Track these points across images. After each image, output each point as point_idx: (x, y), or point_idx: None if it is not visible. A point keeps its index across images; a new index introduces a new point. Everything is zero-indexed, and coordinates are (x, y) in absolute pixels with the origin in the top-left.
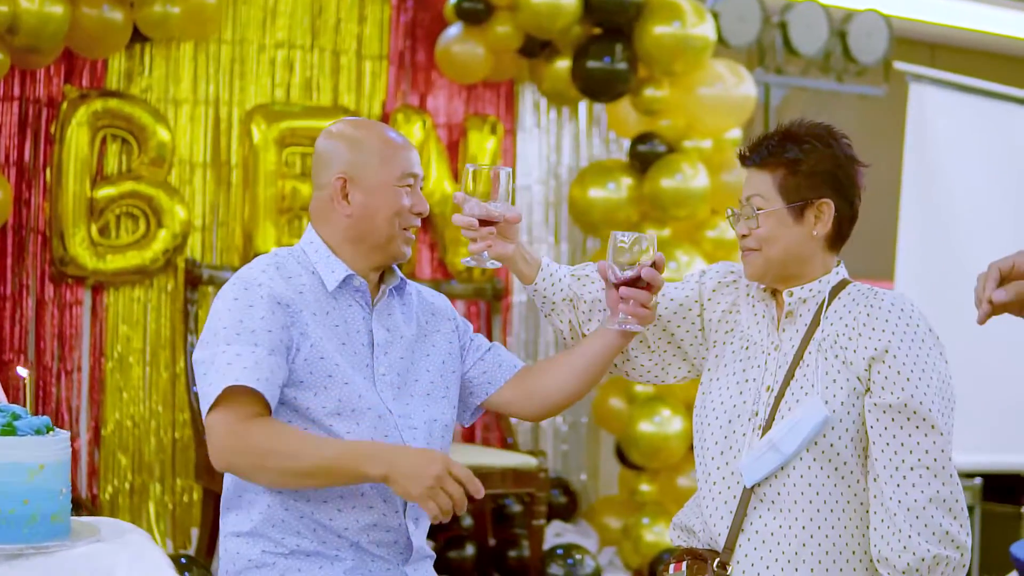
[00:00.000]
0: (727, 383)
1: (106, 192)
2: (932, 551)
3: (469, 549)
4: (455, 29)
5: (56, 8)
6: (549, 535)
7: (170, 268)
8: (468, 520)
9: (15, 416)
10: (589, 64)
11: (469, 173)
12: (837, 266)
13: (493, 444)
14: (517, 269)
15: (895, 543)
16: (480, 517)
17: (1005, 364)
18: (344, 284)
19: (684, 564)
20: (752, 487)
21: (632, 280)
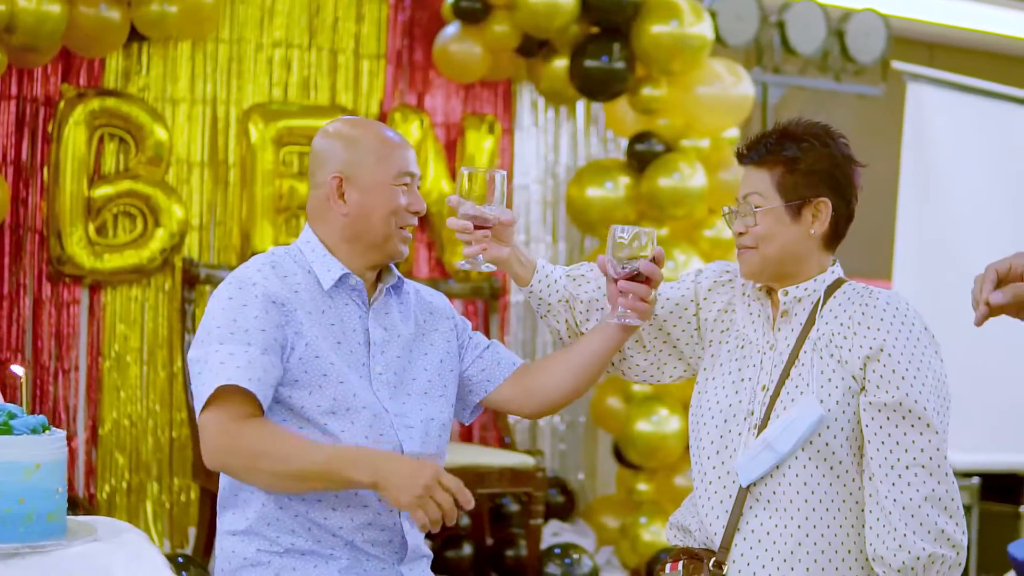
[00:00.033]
0: (723, 382)
1: (103, 191)
2: (927, 549)
3: (466, 548)
4: (453, 28)
5: (53, 7)
6: (547, 534)
7: (167, 267)
8: (466, 519)
9: (11, 415)
10: (587, 63)
11: (464, 176)
12: (833, 265)
13: (491, 443)
14: (513, 272)
15: (890, 542)
16: (478, 516)
17: (1003, 363)
18: (340, 283)
19: (680, 564)
20: (748, 486)
21: (631, 274)
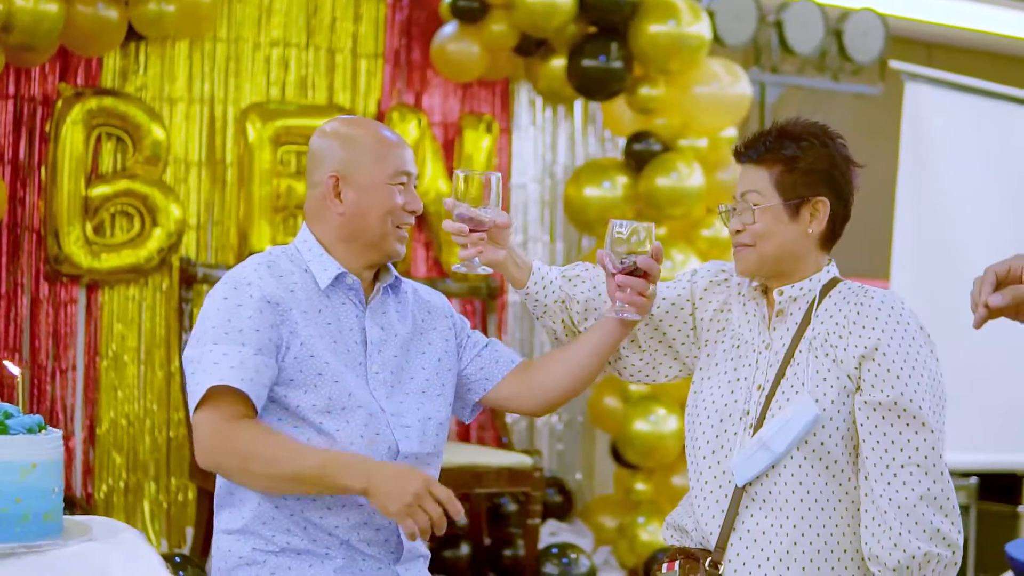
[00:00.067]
0: (718, 382)
1: (101, 191)
2: (923, 548)
3: (464, 548)
4: (450, 27)
5: (51, 6)
6: (544, 534)
7: (165, 267)
8: (463, 519)
9: (7, 415)
10: (584, 63)
11: (459, 178)
12: (828, 264)
13: (488, 443)
14: (509, 274)
15: (886, 541)
16: (475, 516)
17: (1001, 363)
18: (337, 282)
19: (677, 563)
20: (744, 486)
21: (629, 269)
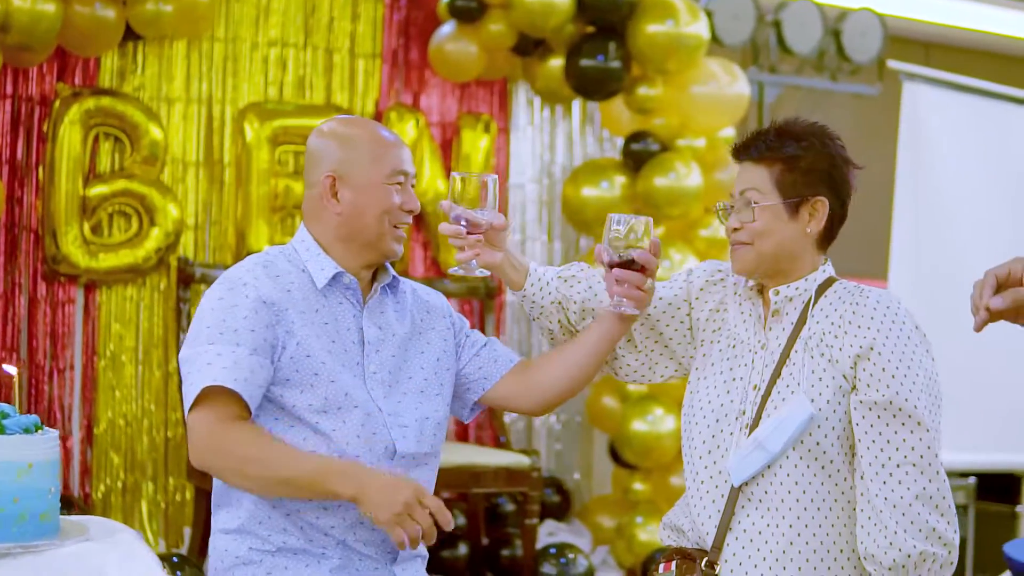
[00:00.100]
0: (714, 382)
1: (99, 190)
2: (918, 547)
3: (462, 548)
4: (448, 27)
5: (48, 6)
6: (542, 534)
7: (163, 267)
8: (461, 519)
9: (3, 415)
10: (582, 62)
11: (456, 180)
12: (824, 264)
13: (486, 443)
14: (506, 277)
15: (881, 539)
16: (473, 516)
17: (1000, 363)
18: (334, 282)
19: (673, 564)
20: (740, 486)
21: (626, 262)
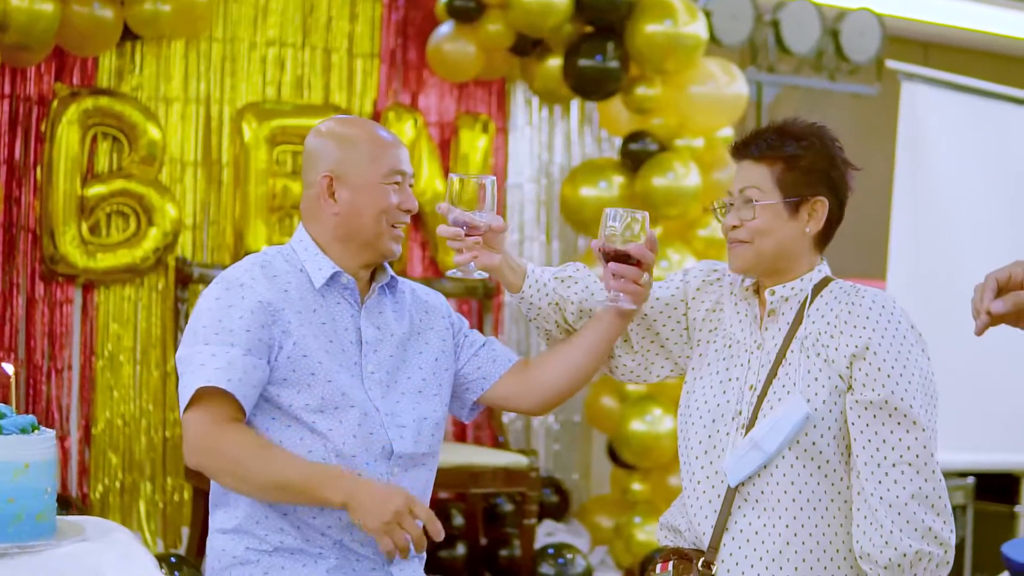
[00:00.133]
0: (711, 382)
1: (97, 190)
2: (914, 547)
3: (460, 548)
4: (446, 27)
5: (46, 6)
6: (540, 534)
7: (161, 267)
8: (459, 519)
9: (0, 415)
10: (581, 62)
11: (454, 182)
12: (820, 264)
13: (485, 443)
14: (504, 279)
15: (877, 539)
16: (471, 516)
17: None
18: (332, 281)
19: (670, 564)
20: (736, 486)
21: (622, 256)
